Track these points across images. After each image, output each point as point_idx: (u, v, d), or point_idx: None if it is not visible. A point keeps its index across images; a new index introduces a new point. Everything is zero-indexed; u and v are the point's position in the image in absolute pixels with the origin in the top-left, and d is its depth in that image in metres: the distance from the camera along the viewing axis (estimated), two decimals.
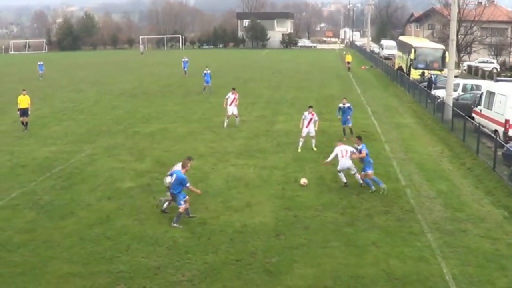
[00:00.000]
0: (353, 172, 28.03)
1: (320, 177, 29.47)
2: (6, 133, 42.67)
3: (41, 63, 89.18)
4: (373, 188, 27.15)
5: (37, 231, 23.01)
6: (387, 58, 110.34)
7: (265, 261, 19.57)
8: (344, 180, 27.93)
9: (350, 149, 28.13)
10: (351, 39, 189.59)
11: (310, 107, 36.67)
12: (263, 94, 58.25)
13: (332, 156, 28.15)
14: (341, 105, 39.14)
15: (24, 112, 43.03)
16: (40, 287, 18.32)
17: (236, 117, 43.67)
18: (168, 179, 23.77)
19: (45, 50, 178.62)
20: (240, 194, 26.82)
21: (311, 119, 35.44)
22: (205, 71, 63.03)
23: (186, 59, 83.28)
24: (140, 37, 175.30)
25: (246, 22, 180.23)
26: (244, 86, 66.22)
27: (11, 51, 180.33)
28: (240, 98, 49.08)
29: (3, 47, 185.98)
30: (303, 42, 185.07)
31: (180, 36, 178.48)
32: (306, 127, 35.43)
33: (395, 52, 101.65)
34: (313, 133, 35.64)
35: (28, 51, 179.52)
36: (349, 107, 38.97)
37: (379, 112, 49.72)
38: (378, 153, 34.49)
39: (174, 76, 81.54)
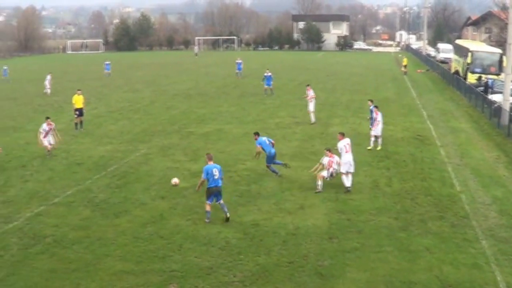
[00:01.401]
0: (347, 171, 27.93)
1: (374, 181, 29.29)
2: (63, 131, 43.22)
3: (108, 62, 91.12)
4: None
5: (92, 228, 23.34)
6: (443, 61, 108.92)
7: (318, 264, 19.53)
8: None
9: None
10: (407, 42, 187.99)
11: (375, 106, 37.20)
12: (318, 97, 57.77)
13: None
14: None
15: (80, 111, 43.60)
16: (94, 283, 18.56)
17: (310, 113, 45.24)
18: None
19: (102, 50, 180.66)
20: (293, 196, 26.80)
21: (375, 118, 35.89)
22: (265, 74, 62.94)
23: (240, 61, 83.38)
24: (196, 38, 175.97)
25: (301, 24, 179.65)
26: (298, 89, 66.07)
27: (68, 50, 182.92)
28: (295, 100, 49.23)
29: (61, 46, 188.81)
30: (359, 44, 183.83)
31: (235, 37, 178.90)
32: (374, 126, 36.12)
33: (451, 55, 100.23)
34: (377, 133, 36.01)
35: (85, 51, 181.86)
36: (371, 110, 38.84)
37: (434, 116, 49.20)
38: (433, 157, 34.18)
39: (229, 77, 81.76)
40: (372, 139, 36.32)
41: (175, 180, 28.11)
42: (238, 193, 27.38)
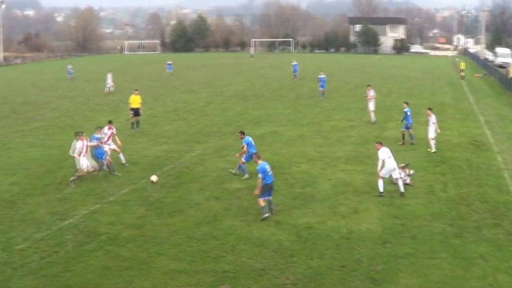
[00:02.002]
0: (395, 177, 27.84)
1: (429, 186, 28.98)
2: (120, 130, 43.56)
3: (170, 62, 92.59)
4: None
5: (146, 227, 23.57)
6: (501, 66, 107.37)
7: (370, 269, 19.41)
8: (382, 189, 27.50)
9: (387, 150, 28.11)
10: (464, 46, 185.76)
11: (429, 108, 37.40)
12: None
13: (380, 163, 27.77)
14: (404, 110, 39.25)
15: (136, 111, 44.04)
16: (147, 282, 18.73)
17: (370, 112, 46.24)
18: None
19: (158, 51, 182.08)
20: (347, 200, 26.68)
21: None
22: (320, 76, 62.80)
23: (295, 63, 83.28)
24: (252, 40, 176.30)
25: (358, 27, 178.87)
26: (354, 91, 65.87)
27: (126, 51, 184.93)
28: (350, 103, 49.13)
29: (118, 47, 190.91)
30: (416, 48, 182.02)
31: (291, 39, 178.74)
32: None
33: (509, 60, 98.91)
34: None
35: (142, 51, 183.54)
36: (406, 112, 38.87)
37: (492, 121, 48.48)
38: (490, 163, 33.68)
39: (285, 79, 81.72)
40: (433, 142, 36.23)
41: (153, 177, 29.50)
42: (292, 195, 27.36)
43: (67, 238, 22.56)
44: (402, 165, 29.29)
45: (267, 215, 24.23)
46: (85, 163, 29.97)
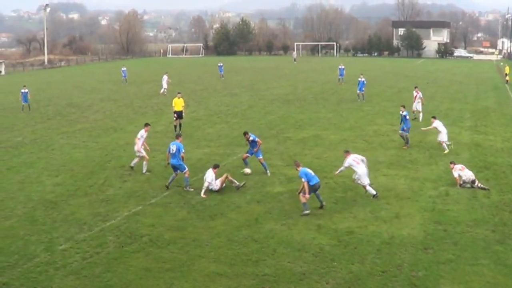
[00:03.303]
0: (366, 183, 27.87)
1: (472, 191, 28.68)
2: (163, 133, 44.06)
3: (221, 64, 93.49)
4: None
5: (187, 229, 23.66)
6: None
7: (411, 275, 19.26)
8: (374, 192, 27.73)
9: (360, 157, 28.42)
10: (509, 50, 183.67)
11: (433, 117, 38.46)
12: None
13: (342, 169, 28.35)
14: (400, 112, 39.46)
15: (179, 114, 44.25)
16: (187, 284, 18.79)
17: (419, 113, 47.67)
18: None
19: (202, 54, 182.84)
20: (389, 205, 26.52)
21: None
22: (359, 79, 62.61)
23: (342, 67, 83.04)
24: (295, 43, 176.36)
25: (401, 31, 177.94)
26: (397, 96, 65.56)
27: (169, 54, 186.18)
28: (393, 107, 48.81)
29: (162, 50, 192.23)
30: (459, 52, 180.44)
31: (334, 43, 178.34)
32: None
33: None
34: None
35: (185, 55, 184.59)
36: (405, 116, 38.82)
37: None
38: None
39: (328, 83, 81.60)
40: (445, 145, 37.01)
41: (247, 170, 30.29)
42: (334, 199, 27.29)
43: (108, 239, 22.76)
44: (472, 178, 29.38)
45: (308, 212, 24.62)
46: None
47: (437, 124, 37.79)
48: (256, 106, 59.17)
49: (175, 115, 44.51)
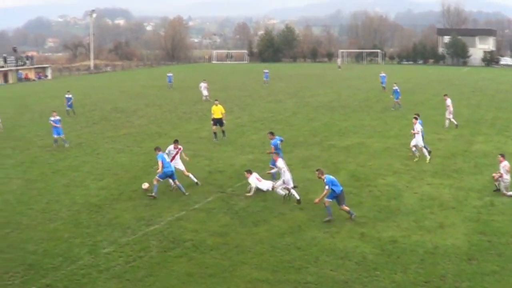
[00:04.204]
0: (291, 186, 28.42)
1: None
2: (207, 139, 44.26)
3: (267, 71, 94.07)
4: None
5: (230, 235, 23.75)
6: None
7: (455, 286, 19.09)
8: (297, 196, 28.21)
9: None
10: None
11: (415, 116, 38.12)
12: (462, 113, 56.70)
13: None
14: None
15: (218, 121, 44.23)
16: None
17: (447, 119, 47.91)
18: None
19: (246, 61, 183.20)
20: (433, 214, 26.29)
21: None
22: (393, 87, 62.44)
23: (384, 74, 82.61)
24: (339, 50, 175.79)
25: (446, 38, 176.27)
26: (442, 104, 64.85)
27: (213, 60, 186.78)
28: (438, 116, 48.53)
29: (206, 56, 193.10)
30: (505, 60, 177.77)
31: (379, 50, 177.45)
32: None
33: None
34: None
35: (229, 61, 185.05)
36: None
37: None
38: None
39: (372, 90, 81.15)
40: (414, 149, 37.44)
41: (145, 185, 30.04)
42: (377, 208, 27.14)
43: (152, 243, 22.95)
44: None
45: (330, 218, 24.89)
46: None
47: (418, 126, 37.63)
48: (300, 113, 59.12)
49: (214, 122, 44.53)
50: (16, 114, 64.67)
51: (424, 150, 37.09)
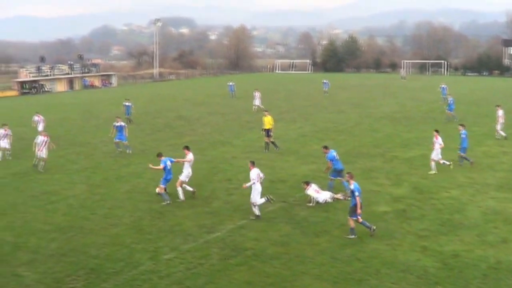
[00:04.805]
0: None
1: None
2: (269, 148, 44.28)
3: (326, 81, 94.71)
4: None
5: (291, 245, 23.81)
6: None
7: None
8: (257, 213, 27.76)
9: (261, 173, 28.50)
10: None
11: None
12: None
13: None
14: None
15: (267, 132, 44.24)
16: None
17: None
18: None
19: (309, 70, 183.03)
20: (497, 229, 25.92)
21: None
22: (449, 99, 62.09)
23: (444, 86, 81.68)
24: (403, 61, 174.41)
25: None
26: (508, 116, 63.98)
27: (277, 70, 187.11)
28: (503, 129, 47.78)
29: (270, 66, 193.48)
30: None
31: (443, 61, 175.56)
32: None
33: None
34: None
35: (293, 70, 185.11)
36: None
37: None
38: None
39: (436, 102, 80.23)
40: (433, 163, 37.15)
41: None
42: (440, 221, 26.88)
43: (213, 251, 23.15)
44: None
45: (353, 236, 24.57)
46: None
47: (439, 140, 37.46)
48: (363, 124, 58.88)
49: (264, 132, 44.61)
50: (81, 120, 65.90)
51: (433, 163, 36.99)
